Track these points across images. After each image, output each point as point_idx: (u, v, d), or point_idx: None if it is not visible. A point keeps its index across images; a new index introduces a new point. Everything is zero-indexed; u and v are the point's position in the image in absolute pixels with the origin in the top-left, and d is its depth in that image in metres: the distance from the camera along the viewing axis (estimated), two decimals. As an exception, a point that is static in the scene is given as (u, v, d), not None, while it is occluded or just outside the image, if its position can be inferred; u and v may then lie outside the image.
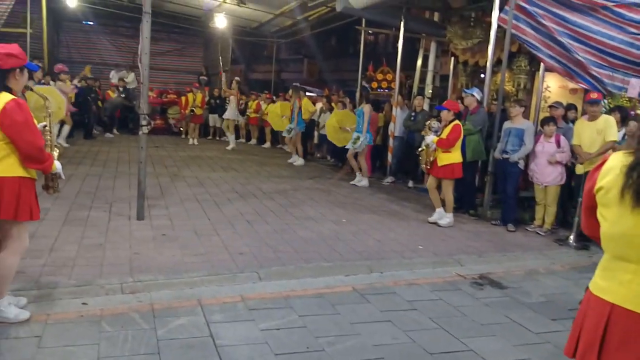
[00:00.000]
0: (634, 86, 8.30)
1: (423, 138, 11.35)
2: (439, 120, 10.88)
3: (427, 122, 9.44)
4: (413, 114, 11.96)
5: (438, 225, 8.58)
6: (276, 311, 4.88)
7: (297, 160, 14.68)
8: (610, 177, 2.17)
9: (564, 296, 5.86)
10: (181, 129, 20.02)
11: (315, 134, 16.43)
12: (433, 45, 14.26)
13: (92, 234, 6.65)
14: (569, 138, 8.46)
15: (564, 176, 8.41)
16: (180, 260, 5.97)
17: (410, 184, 12.18)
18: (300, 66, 27.49)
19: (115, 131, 19.07)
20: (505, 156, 8.70)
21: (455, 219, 8.97)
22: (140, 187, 7.42)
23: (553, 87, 10.91)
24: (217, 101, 19.45)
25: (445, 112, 8.63)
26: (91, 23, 24.98)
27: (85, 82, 17.95)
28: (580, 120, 8.29)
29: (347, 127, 12.61)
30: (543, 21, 8.72)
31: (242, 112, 19.33)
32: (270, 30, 22.67)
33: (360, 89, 12.35)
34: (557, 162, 8.27)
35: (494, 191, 9.35)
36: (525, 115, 9.34)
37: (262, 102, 18.88)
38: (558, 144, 8.33)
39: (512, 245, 7.80)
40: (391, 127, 12.80)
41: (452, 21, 12.31)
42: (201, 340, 4.20)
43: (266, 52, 26.91)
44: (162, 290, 5.14)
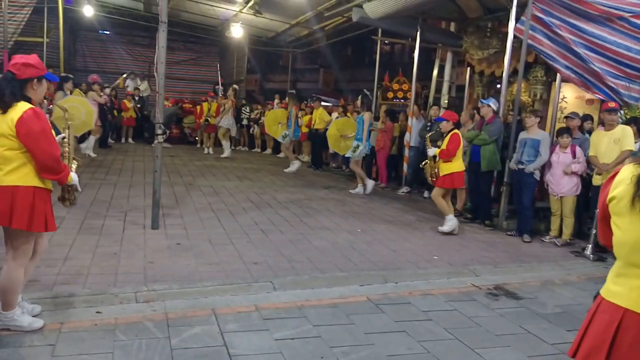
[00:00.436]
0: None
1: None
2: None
3: (428, 135, 9.54)
4: (429, 124, 11.94)
5: (441, 232, 8.63)
6: (290, 321, 4.86)
7: (292, 166, 14.57)
8: (622, 188, 2.30)
9: (579, 307, 5.80)
10: (196, 138, 20.12)
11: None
12: (449, 56, 14.24)
13: (106, 243, 6.68)
14: (585, 149, 8.41)
15: (580, 187, 8.34)
16: (195, 269, 5.98)
17: (426, 194, 12.13)
18: (316, 76, 27.54)
19: (130, 140, 19.19)
20: (520, 167, 8.66)
21: (471, 229, 8.94)
22: (155, 196, 7.45)
23: (569, 97, 10.85)
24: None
25: (445, 122, 8.74)
26: (107, 32, 25.22)
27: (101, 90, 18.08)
28: (597, 131, 8.23)
29: (347, 134, 12.54)
30: (559, 31, 8.67)
31: (256, 120, 19.43)
32: (286, 39, 22.75)
33: (362, 96, 12.26)
34: (572, 173, 8.22)
35: (509, 202, 9.29)
36: (542, 125, 9.29)
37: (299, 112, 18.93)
38: (574, 155, 8.28)
39: (527, 256, 7.75)
40: (407, 137, 12.78)
41: (469, 31, 12.28)
42: (215, 350, 4.19)
43: (282, 61, 26.98)
44: (176, 299, 5.15)
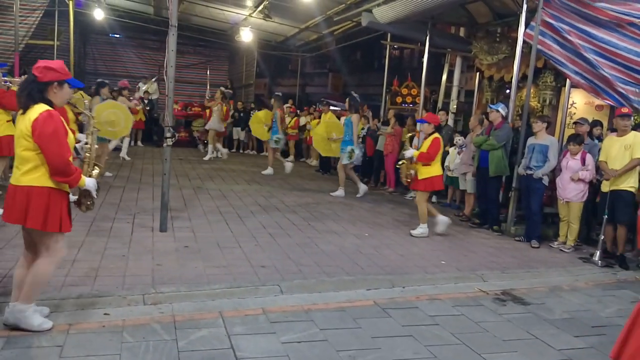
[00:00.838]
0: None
1: (447, 153, 11.38)
2: (464, 135, 10.88)
3: (408, 135, 9.62)
4: (436, 128, 11.93)
5: (411, 235, 8.62)
6: (297, 324, 4.86)
7: (267, 170, 14.50)
8: None
9: (587, 313, 5.78)
10: (205, 142, 20.13)
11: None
12: (458, 61, 14.26)
13: (115, 245, 6.70)
14: (594, 154, 8.39)
15: (586, 194, 8.31)
16: (202, 272, 5.99)
17: (434, 198, 12.12)
18: (325, 80, 27.60)
19: (139, 143, 19.25)
20: (529, 172, 8.64)
21: (479, 234, 8.93)
22: (164, 198, 7.47)
23: (579, 103, 10.83)
24: (241, 114, 19.60)
25: (426, 125, 8.73)
26: (118, 36, 25.37)
27: (111, 93, 18.14)
28: (610, 137, 8.20)
29: (334, 136, 12.51)
30: (569, 37, 8.66)
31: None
32: (295, 44, 22.81)
33: (349, 98, 12.15)
34: (579, 180, 8.19)
35: (518, 207, 9.26)
36: (551, 131, 9.27)
37: (287, 115, 18.91)
38: (583, 162, 8.24)
39: (535, 262, 7.72)
40: (415, 141, 12.76)
41: (478, 36, 12.30)
42: (222, 352, 4.20)
43: (291, 65, 27.06)
44: (183, 301, 5.16)
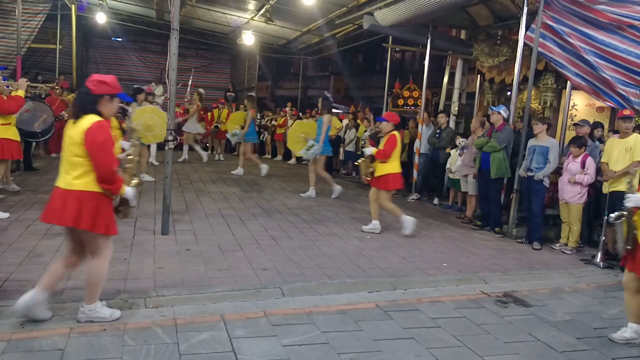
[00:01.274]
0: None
1: (449, 155, 11.40)
2: (466, 137, 10.89)
3: (366, 134, 9.78)
4: (438, 131, 11.95)
5: (362, 230, 8.68)
6: (299, 327, 4.87)
7: (238, 170, 14.46)
8: None
9: (589, 315, 5.78)
10: (207, 145, 20.18)
11: (340, 150, 16.42)
12: (459, 63, 14.27)
13: (116, 248, 6.65)
14: (595, 156, 8.40)
15: (585, 196, 8.31)
16: (204, 275, 6.00)
17: (436, 201, 12.14)
18: (327, 83, 27.63)
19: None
20: (530, 174, 8.64)
21: (481, 236, 8.94)
22: (166, 202, 7.48)
23: (580, 105, 10.84)
24: (244, 117, 19.62)
25: (385, 123, 8.73)
26: (120, 39, 25.43)
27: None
28: (612, 138, 8.17)
29: (310, 138, 12.49)
30: (570, 39, 8.68)
31: (266, 127, 19.46)
32: (297, 47, 22.86)
33: (322, 98, 12.07)
34: (576, 183, 8.20)
35: (519, 209, 9.26)
36: (552, 133, 9.27)
37: (289, 118, 18.97)
38: (583, 165, 8.24)
39: (537, 263, 7.72)
40: (416, 144, 12.79)
41: (479, 39, 12.31)
42: (223, 356, 4.20)
43: (293, 68, 27.10)
44: (185, 304, 5.17)
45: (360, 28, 15.18)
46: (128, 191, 4.64)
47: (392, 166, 8.57)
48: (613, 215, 4.92)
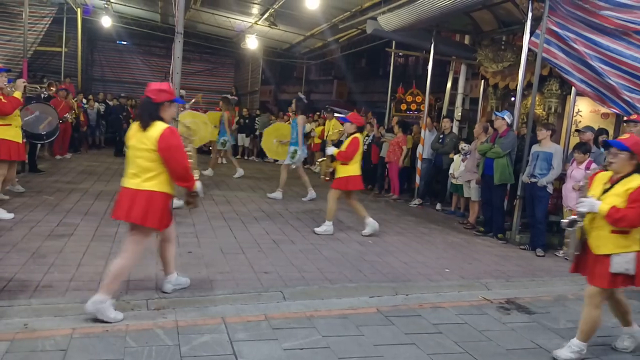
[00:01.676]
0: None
1: (452, 160, 11.38)
2: (469, 143, 10.88)
3: (332, 132, 9.75)
4: (441, 136, 11.93)
5: (315, 232, 8.65)
6: (300, 331, 4.86)
7: (238, 172, 14.49)
8: None
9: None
10: (210, 148, 20.15)
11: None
12: (463, 68, 14.26)
13: (119, 250, 6.69)
14: (599, 163, 8.35)
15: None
16: (206, 277, 6.00)
17: (438, 206, 12.12)
18: (330, 87, 27.64)
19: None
20: (533, 180, 8.62)
21: (483, 242, 8.92)
22: (168, 204, 7.47)
23: (584, 111, 10.81)
24: (246, 121, 19.64)
25: (348, 124, 8.69)
26: (125, 43, 25.52)
27: (117, 100, 18.35)
28: None
29: (283, 140, 12.40)
30: (574, 45, 8.65)
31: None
32: (300, 51, 22.90)
33: (295, 100, 12.03)
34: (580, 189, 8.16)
35: (522, 215, 9.23)
36: (556, 139, 9.24)
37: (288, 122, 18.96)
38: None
39: (540, 270, 7.70)
40: (419, 149, 12.77)
41: (483, 44, 12.30)
42: (224, 358, 4.20)
43: (296, 73, 27.14)
44: (186, 307, 5.17)
45: (363, 33, 15.19)
46: (198, 185, 5.19)
47: (352, 168, 8.56)
48: (565, 221, 4.77)
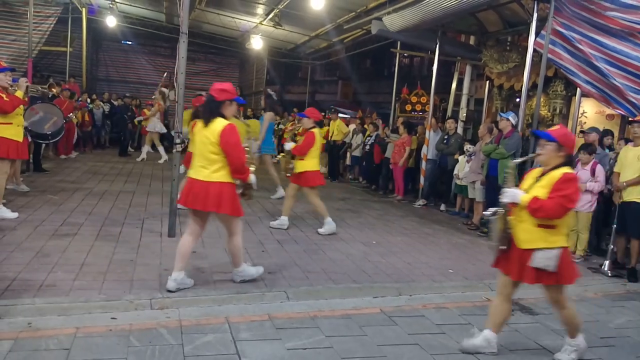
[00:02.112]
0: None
1: (456, 161, 11.37)
2: (474, 144, 10.86)
3: (292, 128, 9.75)
4: (446, 137, 11.92)
5: (318, 232, 8.75)
6: (303, 331, 4.87)
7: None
8: None
9: (596, 324, 5.74)
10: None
11: (347, 155, 16.41)
12: (468, 69, 14.25)
13: (123, 250, 6.73)
14: (604, 164, 8.32)
15: (594, 204, 8.21)
16: (209, 277, 6.01)
17: (443, 207, 12.10)
18: (335, 87, 27.66)
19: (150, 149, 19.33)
20: (536, 182, 8.57)
21: (487, 243, 8.90)
22: (173, 204, 7.49)
23: (589, 112, 10.80)
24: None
25: (306, 119, 8.75)
26: (130, 43, 25.58)
27: (122, 100, 18.38)
28: (626, 147, 7.99)
29: (252, 139, 12.46)
30: (580, 46, 8.63)
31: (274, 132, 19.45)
32: (305, 51, 22.89)
33: (265, 96, 12.00)
34: (586, 191, 8.11)
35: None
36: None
37: (297, 122, 18.96)
38: (593, 172, 8.17)
39: (544, 272, 7.67)
40: (424, 149, 12.76)
41: (488, 45, 12.29)
42: (227, 358, 4.21)
43: (301, 73, 27.15)
44: (190, 306, 5.18)
45: (368, 33, 15.20)
46: (252, 178, 5.62)
47: (310, 164, 8.58)
48: (488, 212, 4.66)
